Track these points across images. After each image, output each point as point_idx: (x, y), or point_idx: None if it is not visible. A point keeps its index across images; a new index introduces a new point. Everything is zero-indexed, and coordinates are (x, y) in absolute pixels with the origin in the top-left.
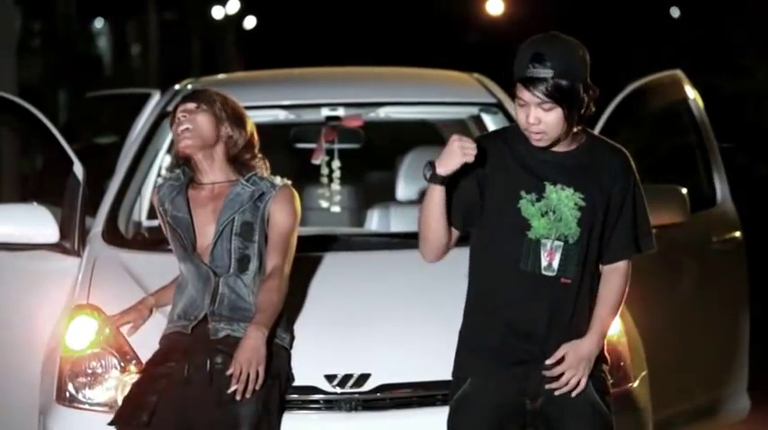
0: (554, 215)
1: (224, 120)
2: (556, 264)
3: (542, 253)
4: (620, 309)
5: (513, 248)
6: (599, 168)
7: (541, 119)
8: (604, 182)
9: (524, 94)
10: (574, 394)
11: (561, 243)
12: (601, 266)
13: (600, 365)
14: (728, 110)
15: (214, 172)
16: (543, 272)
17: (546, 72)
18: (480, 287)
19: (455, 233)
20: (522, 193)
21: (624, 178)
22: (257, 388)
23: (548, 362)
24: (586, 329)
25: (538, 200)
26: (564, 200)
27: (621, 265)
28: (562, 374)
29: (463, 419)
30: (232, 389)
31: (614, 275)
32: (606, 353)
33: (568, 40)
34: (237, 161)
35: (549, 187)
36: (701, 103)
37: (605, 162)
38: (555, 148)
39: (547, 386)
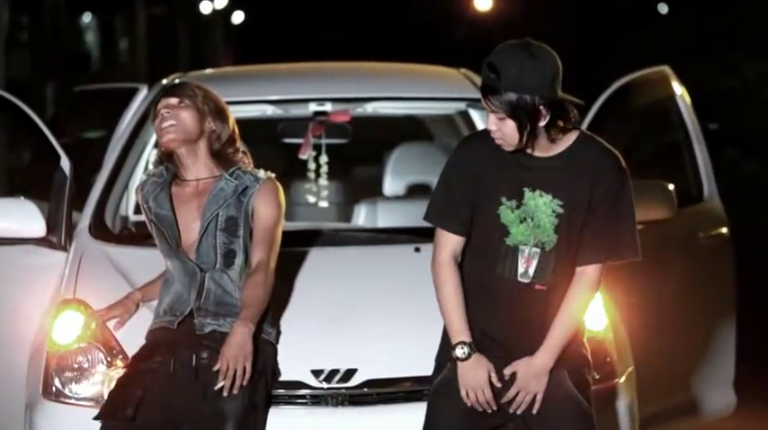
0: (532, 222)
1: (207, 115)
2: (532, 270)
3: (520, 259)
4: (580, 319)
5: (491, 253)
6: (584, 171)
7: (498, 127)
8: (588, 185)
9: (485, 103)
10: (534, 411)
11: (539, 250)
12: (575, 272)
13: (580, 362)
14: (716, 106)
15: (198, 168)
16: (519, 278)
17: (497, 83)
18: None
19: (462, 241)
20: (503, 199)
21: (610, 181)
22: (244, 383)
23: (501, 379)
24: None
25: (517, 207)
26: (542, 206)
27: (590, 272)
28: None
29: (443, 402)
30: (219, 385)
31: (580, 283)
32: (589, 354)
33: (534, 51)
34: (221, 156)
35: (527, 193)
36: (688, 99)
37: (592, 164)
38: (536, 153)
39: (510, 411)
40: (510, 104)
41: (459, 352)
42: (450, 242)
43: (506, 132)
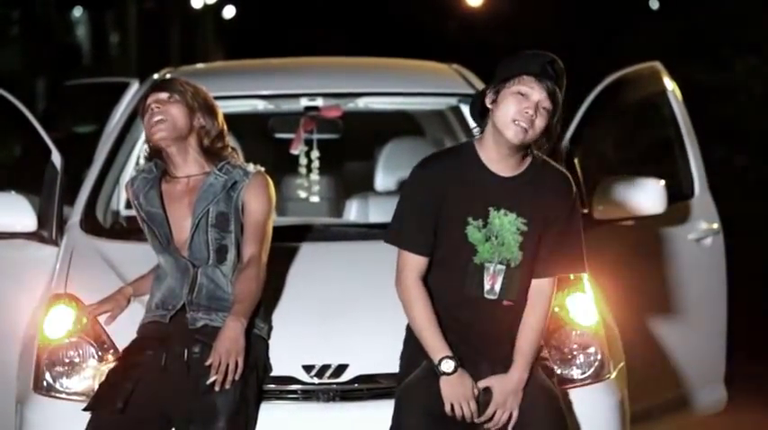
0: (497, 240)
1: (196, 110)
2: (498, 287)
3: (485, 277)
4: (543, 333)
5: (458, 271)
6: (543, 190)
7: (534, 117)
8: (546, 203)
9: (533, 87)
10: (509, 427)
11: (504, 267)
12: (531, 286)
13: (542, 352)
14: (707, 102)
15: (188, 164)
16: (486, 295)
17: (559, 76)
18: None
19: (426, 261)
20: (470, 220)
21: (565, 201)
22: (236, 378)
23: (476, 390)
24: None
25: (484, 226)
26: (506, 225)
27: (546, 285)
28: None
29: (412, 406)
30: (211, 379)
31: (539, 296)
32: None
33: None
34: (210, 152)
35: (492, 212)
36: (679, 94)
37: (549, 185)
38: (503, 173)
39: (485, 426)
40: (557, 102)
41: (446, 366)
42: (416, 263)
43: (538, 126)
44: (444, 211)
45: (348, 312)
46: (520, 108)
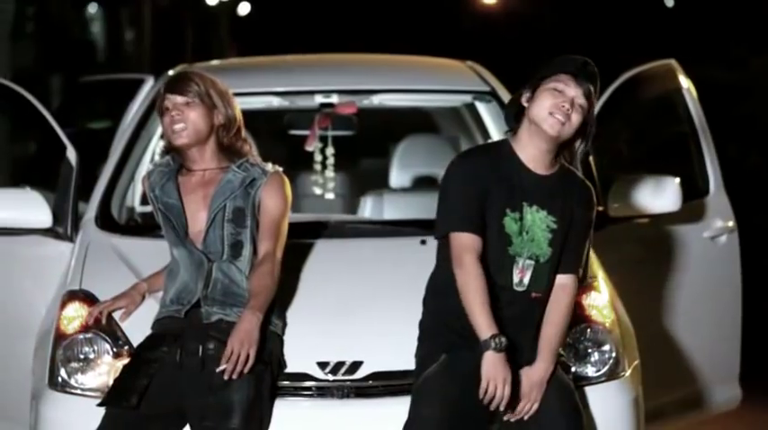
0: (527, 235)
1: (214, 108)
2: (527, 280)
3: (515, 269)
4: (567, 327)
5: (492, 262)
6: (570, 193)
7: (570, 111)
8: (572, 205)
9: (569, 84)
10: (526, 417)
11: (532, 262)
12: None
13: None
14: (722, 100)
15: (205, 160)
16: (515, 287)
17: (593, 79)
18: (450, 291)
19: (480, 242)
20: (508, 211)
21: (587, 209)
22: (246, 370)
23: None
24: None
25: (520, 219)
26: (537, 221)
27: (569, 283)
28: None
29: (429, 402)
30: (221, 367)
31: (562, 293)
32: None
33: None
34: (228, 148)
35: (525, 208)
36: (694, 92)
37: (576, 189)
38: (537, 171)
39: (504, 416)
40: (591, 100)
41: (496, 343)
42: (473, 242)
43: (574, 122)
44: (489, 200)
45: (362, 309)
46: (556, 102)
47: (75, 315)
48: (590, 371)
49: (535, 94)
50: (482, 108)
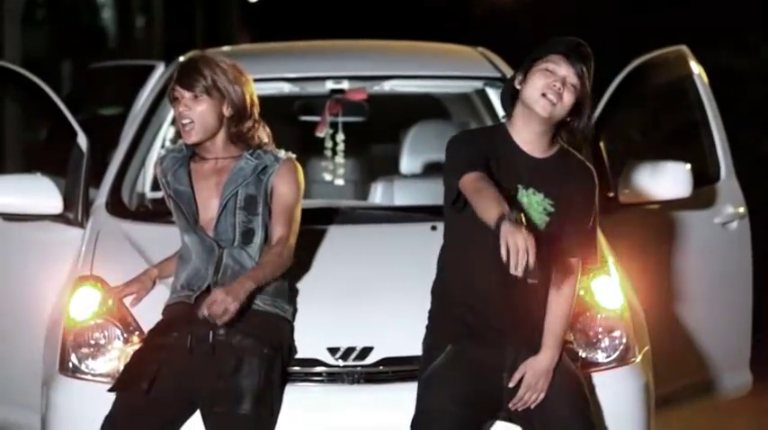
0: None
1: (223, 99)
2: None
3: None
4: (571, 314)
5: (485, 248)
6: (569, 176)
7: (561, 91)
8: (571, 189)
9: (560, 64)
10: (533, 406)
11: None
12: (555, 268)
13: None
14: (734, 86)
15: (217, 150)
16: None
17: (586, 59)
18: (453, 277)
19: None
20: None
21: (587, 191)
22: (219, 322)
23: (510, 384)
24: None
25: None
26: (534, 204)
27: (572, 268)
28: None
29: (437, 390)
30: (202, 312)
31: (565, 281)
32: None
33: None
34: (239, 137)
35: (521, 191)
36: (705, 78)
37: (575, 172)
38: (533, 154)
39: (510, 405)
40: (584, 81)
41: (510, 217)
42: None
43: (566, 102)
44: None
45: (373, 295)
46: (547, 82)
47: (86, 300)
48: (600, 356)
49: (527, 75)
50: (493, 94)
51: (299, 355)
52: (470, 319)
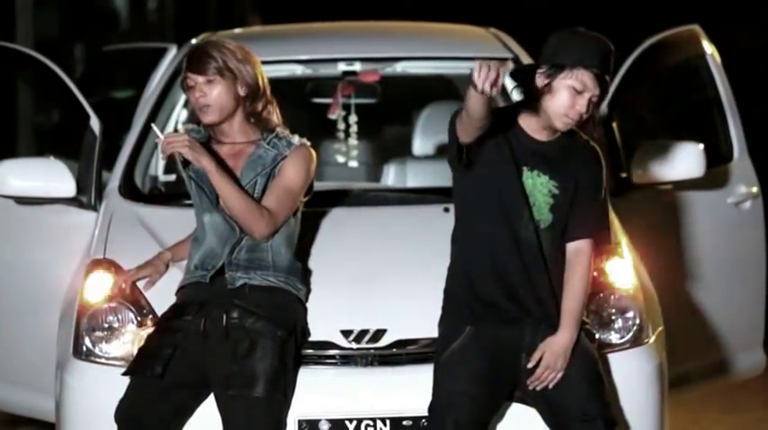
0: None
1: (237, 80)
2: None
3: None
4: (587, 293)
5: (500, 220)
6: (573, 158)
7: (584, 111)
8: (576, 170)
9: (588, 85)
10: (551, 385)
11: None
12: (567, 251)
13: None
14: (748, 65)
15: (234, 133)
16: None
17: (606, 58)
18: (469, 253)
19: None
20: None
21: (594, 171)
22: (179, 150)
23: (528, 365)
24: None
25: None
26: (539, 186)
27: (583, 246)
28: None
29: (454, 374)
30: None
31: (578, 261)
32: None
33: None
34: (255, 118)
35: (525, 172)
36: (718, 58)
37: (580, 153)
38: (537, 137)
39: (528, 384)
40: (605, 90)
41: None
42: None
43: (585, 113)
44: (483, 156)
45: (386, 277)
46: (573, 103)
47: (99, 284)
48: (614, 337)
49: (553, 84)
50: (506, 76)
51: (312, 338)
52: (490, 294)
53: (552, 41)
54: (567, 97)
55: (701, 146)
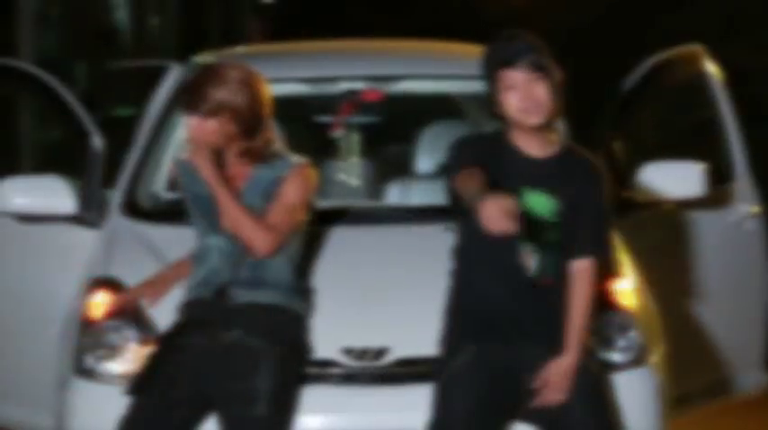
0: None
1: (232, 116)
2: (533, 265)
3: (523, 255)
4: (590, 312)
5: (500, 249)
6: (573, 175)
7: (533, 94)
8: (576, 187)
9: (514, 77)
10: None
11: (536, 247)
12: (569, 270)
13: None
14: (750, 85)
15: (228, 166)
16: (525, 273)
17: (526, 47)
18: (467, 279)
19: None
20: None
21: (593, 187)
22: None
23: (533, 386)
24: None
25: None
26: (539, 205)
27: (585, 265)
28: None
29: (458, 391)
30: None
31: (580, 280)
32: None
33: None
34: (250, 152)
35: (525, 192)
36: (720, 78)
37: (579, 170)
38: (536, 155)
39: (532, 405)
40: (542, 63)
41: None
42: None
43: (543, 96)
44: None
45: (389, 296)
46: (517, 98)
47: (101, 302)
48: (615, 357)
49: (498, 96)
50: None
51: (314, 356)
52: (492, 314)
53: (482, 61)
54: (510, 98)
55: (703, 165)
